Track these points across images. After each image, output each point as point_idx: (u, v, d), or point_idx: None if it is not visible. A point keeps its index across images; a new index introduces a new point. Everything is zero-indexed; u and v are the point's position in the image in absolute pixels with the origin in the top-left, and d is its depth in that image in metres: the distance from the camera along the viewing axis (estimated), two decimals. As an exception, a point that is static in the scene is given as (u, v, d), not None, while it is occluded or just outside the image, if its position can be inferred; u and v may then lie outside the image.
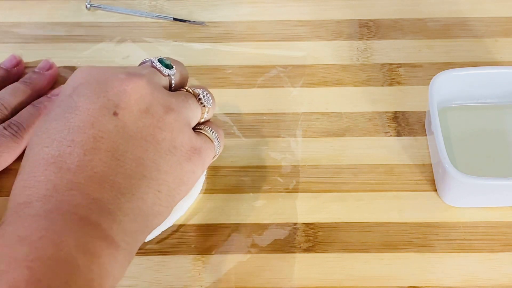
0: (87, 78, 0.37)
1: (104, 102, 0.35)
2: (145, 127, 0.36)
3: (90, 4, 0.58)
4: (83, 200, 0.33)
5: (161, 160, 0.36)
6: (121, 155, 0.34)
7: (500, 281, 0.43)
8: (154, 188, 0.35)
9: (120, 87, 0.36)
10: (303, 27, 0.57)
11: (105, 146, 0.34)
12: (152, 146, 0.36)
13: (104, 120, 0.35)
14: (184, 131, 0.38)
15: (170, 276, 0.44)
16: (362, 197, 0.47)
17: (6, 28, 0.57)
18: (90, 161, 0.34)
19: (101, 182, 0.33)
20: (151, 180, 0.35)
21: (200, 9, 0.59)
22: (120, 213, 0.34)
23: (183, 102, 0.39)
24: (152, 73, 0.39)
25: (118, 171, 0.34)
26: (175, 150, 0.37)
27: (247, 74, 0.54)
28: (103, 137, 0.34)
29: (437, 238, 0.45)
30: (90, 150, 0.34)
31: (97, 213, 0.33)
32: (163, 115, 0.37)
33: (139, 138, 0.35)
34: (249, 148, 0.50)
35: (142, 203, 0.35)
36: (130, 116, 0.36)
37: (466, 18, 0.57)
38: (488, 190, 0.45)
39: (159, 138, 0.36)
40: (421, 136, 0.50)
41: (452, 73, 0.48)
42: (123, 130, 0.35)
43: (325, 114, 0.52)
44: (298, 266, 0.44)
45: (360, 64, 0.54)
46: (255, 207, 0.47)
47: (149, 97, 0.37)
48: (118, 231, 0.33)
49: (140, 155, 0.35)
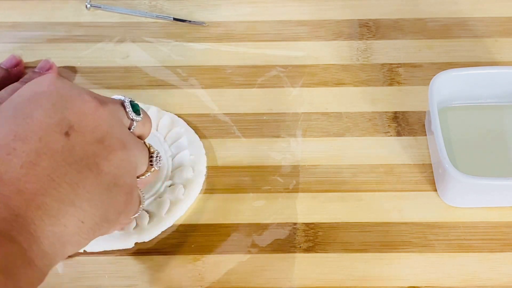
0: (51, 88, 0.36)
1: (59, 119, 0.34)
2: (93, 155, 0.35)
3: (90, 4, 0.58)
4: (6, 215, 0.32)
5: (96, 193, 0.35)
6: (58, 176, 0.33)
7: (500, 281, 0.43)
8: (80, 218, 0.34)
9: (81, 109, 0.35)
10: (303, 27, 0.57)
11: (45, 164, 0.33)
12: (93, 176, 0.35)
13: (53, 137, 0.34)
14: (129, 174, 0.37)
15: (170, 276, 0.44)
16: (362, 197, 0.47)
17: (6, 28, 0.57)
18: (24, 175, 0.32)
19: (30, 200, 0.32)
20: (79, 210, 0.34)
21: (200, 9, 0.59)
22: (42, 235, 0.32)
23: (139, 148, 0.39)
24: (118, 108, 0.38)
25: (50, 193, 0.33)
26: (114, 187, 0.36)
27: (247, 74, 0.54)
28: (46, 153, 0.33)
29: (437, 238, 0.45)
30: (28, 164, 0.33)
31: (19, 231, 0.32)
32: (116, 149, 0.36)
33: (82, 164, 0.34)
34: (249, 148, 0.50)
35: (65, 230, 0.33)
36: (82, 140, 0.35)
37: (466, 18, 0.57)
38: (488, 190, 0.45)
39: (104, 170, 0.35)
40: (421, 136, 0.50)
41: (452, 73, 0.48)
42: (69, 153, 0.34)
43: (325, 114, 0.52)
44: (298, 266, 0.44)
45: (360, 64, 0.54)
46: (255, 207, 0.47)
47: (108, 128, 0.36)
48: (37, 253, 0.32)
49: (77, 181, 0.34)
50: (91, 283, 0.43)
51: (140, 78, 0.54)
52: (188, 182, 0.47)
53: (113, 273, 0.44)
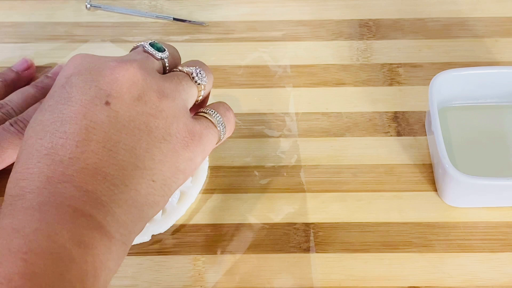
0: (79, 68, 0.36)
1: (95, 92, 0.35)
2: (138, 115, 0.35)
3: (90, 4, 0.58)
4: (76, 192, 0.33)
5: (155, 149, 0.35)
6: (113, 145, 0.34)
7: (500, 281, 0.43)
8: (148, 178, 0.35)
9: (112, 76, 0.36)
10: (303, 27, 0.57)
11: (97, 137, 0.34)
12: (145, 135, 0.35)
13: (96, 111, 0.34)
14: (179, 117, 0.37)
15: (170, 276, 0.44)
16: (362, 197, 0.47)
17: (6, 28, 0.57)
18: (82, 153, 0.33)
19: (94, 174, 0.33)
20: (144, 170, 0.35)
21: (200, 9, 0.59)
22: (114, 205, 0.33)
23: (177, 85, 0.38)
24: (144, 58, 0.39)
25: (111, 162, 0.34)
26: (169, 137, 0.36)
27: (247, 74, 0.54)
28: (95, 127, 0.34)
29: (437, 238, 0.45)
30: (82, 142, 0.34)
31: (91, 205, 0.33)
32: (156, 102, 0.36)
33: (132, 127, 0.35)
34: (249, 148, 0.50)
35: (136, 193, 0.34)
36: (122, 105, 0.35)
37: (466, 18, 0.57)
38: (488, 190, 0.45)
39: (153, 126, 0.36)
40: (421, 136, 0.50)
41: (452, 73, 0.48)
42: (115, 120, 0.35)
43: (325, 114, 0.52)
44: (298, 266, 0.44)
45: (360, 64, 0.54)
46: (255, 207, 0.47)
47: (142, 83, 0.36)
48: (112, 223, 0.33)
49: (133, 145, 0.35)
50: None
51: (140, 78, 0.54)
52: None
53: (113, 273, 0.44)
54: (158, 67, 0.40)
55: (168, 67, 0.40)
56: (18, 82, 0.51)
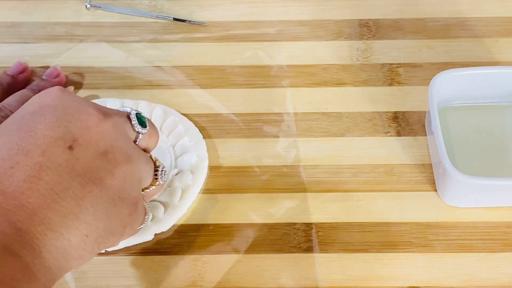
0: (56, 102, 0.36)
1: (63, 133, 0.34)
2: (96, 169, 0.35)
3: (90, 4, 0.58)
4: (8, 229, 0.31)
5: (100, 207, 0.35)
6: (61, 191, 0.33)
7: (500, 281, 0.43)
8: (84, 232, 0.34)
9: (85, 122, 0.35)
10: (303, 27, 0.57)
11: (48, 178, 0.33)
12: (97, 190, 0.34)
13: (56, 151, 0.34)
14: (134, 187, 0.37)
15: (170, 276, 0.44)
16: (362, 197, 0.47)
17: (6, 28, 0.57)
18: (27, 189, 0.32)
19: (32, 214, 0.32)
20: (83, 224, 0.34)
21: (200, 9, 0.59)
22: (45, 250, 0.32)
23: (144, 161, 0.39)
24: (123, 121, 0.38)
25: (53, 207, 0.33)
26: (118, 200, 0.36)
27: (247, 74, 0.54)
28: (49, 167, 0.33)
29: (437, 238, 0.45)
30: (31, 178, 0.33)
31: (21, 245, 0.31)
32: (120, 163, 0.36)
33: (86, 178, 0.34)
34: (249, 148, 0.50)
35: (68, 244, 0.33)
36: (85, 154, 0.35)
37: (466, 18, 0.57)
38: (488, 190, 0.45)
39: (108, 183, 0.35)
40: (421, 136, 0.50)
41: (452, 73, 0.48)
42: (72, 167, 0.34)
43: (325, 114, 0.52)
44: (298, 266, 0.44)
45: (360, 64, 0.54)
46: (255, 207, 0.47)
47: (112, 142, 0.36)
48: (39, 267, 0.32)
49: (81, 195, 0.34)
50: (91, 283, 0.43)
51: (140, 78, 0.54)
52: (194, 167, 0.47)
53: (113, 273, 0.44)
54: (131, 136, 0.39)
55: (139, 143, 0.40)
56: (14, 86, 0.51)
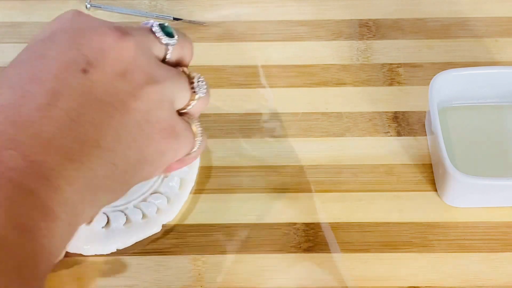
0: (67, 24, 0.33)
1: (74, 55, 0.31)
2: (116, 92, 0.31)
3: (90, 4, 0.58)
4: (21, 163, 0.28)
5: (125, 132, 0.31)
6: (77, 116, 0.30)
7: (500, 281, 0.43)
8: (109, 160, 0.31)
9: (99, 43, 0.32)
10: (303, 27, 0.57)
11: (62, 104, 0.30)
12: (119, 114, 0.31)
13: (69, 75, 0.31)
14: (164, 107, 0.33)
15: (170, 276, 0.44)
16: (362, 197, 0.47)
17: (6, 28, 0.57)
18: (40, 118, 0.29)
19: (46, 143, 0.29)
20: (106, 151, 0.31)
21: (200, 9, 0.59)
22: (63, 182, 0.29)
23: (172, 78, 0.34)
24: (146, 37, 0.34)
25: (69, 134, 0.30)
26: (147, 124, 0.32)
27: (247, 74, 0.54)
28: (63, 93, 0.30)
29: (437, 238, 0.45)
30: (44, 105, 0.30)
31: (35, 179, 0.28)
32: (142, 84, 0.32)
33: (105, 102, 0.31)
34: (249, 148, 0.50)
35: (92, 174, 0.30)
36: (102, 77, 0.31)
37: (466, 18, 0.57)
38: (488, 190, 0.45)
39: (131, 107, 0.32)
40: (421, 136, 0.50)
41: (452, 73, 0.48)
42: (88, 90, 0.31)
43: (325, 114, 0.51)
44: (298, 266, 0.44)
45: (360, 64, 0.54)
46: (255, 207, 0.47)
47: (130, 61, 0.32)
48: (58, 202, 0.29)
49: (100, 121, 0.31)
50: (91, 283, 0.43)
51: (140, 78, 0.54)
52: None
53: (113, 273, 0.44)
54: (159, 53, 0.35)
55: (170, 57, 0.36)
56: None
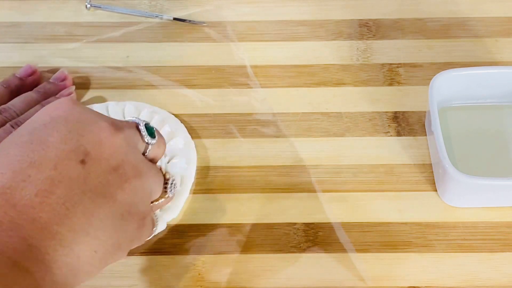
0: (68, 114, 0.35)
1: (75, 146, 0.34)
2: (108, 184, 0.34)
3: (90, 4, 0.58)
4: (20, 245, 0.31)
5: (110, 222, 0.34)
6: (72, 206, 0.33)
7: (500, 281, 0.43)
8: (92, 248, 0.34)
9: (97, 136, 0.35)
10: (303, 27, 0.57)
11: (60, 192, 0.33)
12: (107, 205, 0.34)
13: (68, 165, 0.33)
14: (143, 201, 0.37)
15: (170, 276, 0.44)
16: (362, 197, 0.47)
17: (6, 28, 0.57)
18: (39, 204, 0.32)
19: (43, 229, 0.32)
20: (93, 239, 0.33)
21: (200, 9, 0.59)
22: (55, 266, 0.32)
23: (153, 174, 0.38)
24: (133, 133, 0.38)
25: (64, 222, 0.32)
26: (128, 215, 0.35)
27: (247, 74, 0.54)
28: (61, 181, 0.33)
29: (437, 238, 0.45)
30: (43, 192, 0.32)
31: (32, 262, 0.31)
32: (130, 178, 0.36)
33: (97, 193, 0.34)
34: (249, 148, 0.50)
35: (77, 260, 0.33)
36: (97, 169, 0.34)
37: (466, 18, 0.57)
38: (488, 190, 0.45)
39: (118, 199, 0.35)
40: (421, 136, 0.50)
41: (452, 73, 0.48)
42: (84, 181, 0.33)
43: (325, 114, 0.52)
44: (298, 266, 0.44)
45: (360, 64, 0.54)
46: (255, 207, 0.47)
47: (123, 156, 0.36)
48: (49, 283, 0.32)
49: (91, 211, 0.33)
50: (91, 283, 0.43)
51: (140, 78, 0.54)
52: (182, 152, 0.48)
53: (113, 273, 0.44)
54: (141, 148, 0.39)
55: (148, 154, 0.39)
56: (22, 88, 0.51)
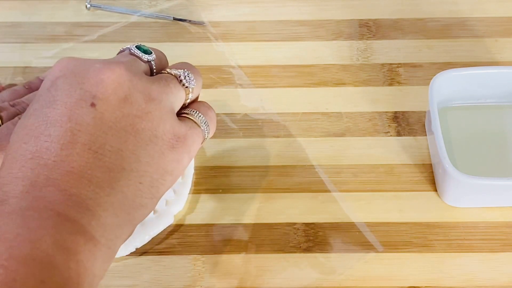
0: (64, 71, 0.36)
1: (81, 94, 0.35)
2: (124, 117, 0.35)
3: (90, 4, 0.58)
4: (60, 196, 0.32)
5: (142, 151, 0.35)
6: (99, 147, 0.34)
7: (500, 281, 0.43)
8: (135, 180, 0.34)
9: (97, 77, 0.35)
10: (303, 27, 0.57)
11: (83, 139, 0.33)
12: (131, 137, 0.35)
13: (81, 113, 0.34)
14: (165, 119, 0.37)
15: (170, 276, 0.44)
16: (362, 197, 0.47)
17: (6, 28, 0.57)
18: (67, 156, 0.33)
19: (79, 177, 0.33)
20: (131, 172, 0.34)
21: (200, 9, 0.59)
22: (100, 208, 0.33)
23: (164, 87, 0.38)
24: (131, 60, 0.38)
25: (96, 165, 0.33)
26: (156, 139, 0.36)
27: (248, 74, 0.54)
28: (80, 130, 0.34)
29: (437, 238, 0.45)
30: (67, 144, 0.33)
31: (75, 209, 0.32)
32: (143, 104, 0.36)
33: (118, 128, 0.35)
34: (249, 148, 0.50)
35: (123, 196, 0.34)
36: (108, 106, 0.35)
37: (466, 18, 0.57)
38: (488, 190, 0.45)
39: (139, 128, 0.35)
40: (421, 136, 0.50)
41: (452, 73, 0.48)
42: (101, 122, 0.34)
43: (325, 114, 0.52)
44: (298, 266, 0.44)
45: (360, 64, 0.54)
46: (255, 207, 0.47)
47: (128, 85, 0.36)
48: (97, 227, 0.33)
49: (119, 147, 0.34)
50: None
51: (140, 78, 0.54)
52: None
53: (113, 273, 0.44)
54: (145, 69, 0.39)
55: (155, 69, 0.40)
56: None
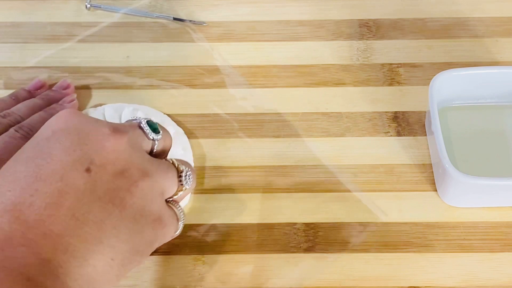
0: (69, 125, 0.35)
1: (79, 156, 0.34)
2: (116, 190, 0.34)
3: (90, 4, 0.58)
4: (32, 260, 0.31)
5: (123, 227, 0.34)
6: (82, 215, 0.33)
7: (500, 281, 0.43)
8: (108, 256, 0.33)
9: (100, 143, 0.35)
10: (303, 27, 0.57)
11: (69, 203, 0.33)
12: (117, 211, 0.34)
13: (74, 175, 0.33)
14: (155, 201, 0.36)
15: (170, 276, 0.44)
16: (362, 197, 0.47)
17: (6, 28, 0.57)
18: (48, 217, 0.32)
19: (55, 242, 0.32)
20: (107, 247, 0.33)
21: (200, 9, 0.59)
22: (69, 279, 0.32)
23: (163, 172, 0.38)
24: (136, 134, 0.38)
25: (75, 233, 0.32)
26: (140, 218, 0.35)
27: (248, 74, 0.54)
28: (68, 192, 0.33)
29: (437, 238, 0.45)
30: (52, 205, 0.32)
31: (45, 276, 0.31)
32: (137, 180, 0.35)
33: (106, 200, 0.34)
34: (249, 148, 0.50)
35: (93, 270, 0.33)
36: (103, 175, 0.34)
37: (466, 18, 0.57)
38: (488, 190, 0.45)
39: (127, 203, 0.35)
40: (421, 136, 0.50)
41: (452, 73, 0.48)
42: (91, 189, 0.33)
43: (325, 114, 0.52)
44: (298, 266, 0.44)
45: (360, 64, 0.54)
46: (255, 207, 0.47)
47: (127, 158, 0.35)
48: None
49: (102, 219, 0.33)
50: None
51: (140, 78, 0.54)
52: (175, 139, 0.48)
53: (113, 273, 0.44)
54: (147, 147, 0.39)
55: (156, 151, 0.39)
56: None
